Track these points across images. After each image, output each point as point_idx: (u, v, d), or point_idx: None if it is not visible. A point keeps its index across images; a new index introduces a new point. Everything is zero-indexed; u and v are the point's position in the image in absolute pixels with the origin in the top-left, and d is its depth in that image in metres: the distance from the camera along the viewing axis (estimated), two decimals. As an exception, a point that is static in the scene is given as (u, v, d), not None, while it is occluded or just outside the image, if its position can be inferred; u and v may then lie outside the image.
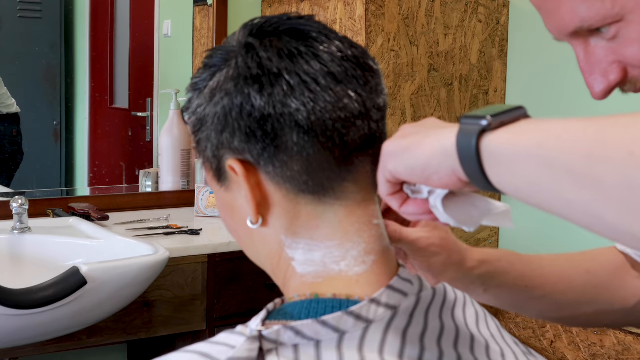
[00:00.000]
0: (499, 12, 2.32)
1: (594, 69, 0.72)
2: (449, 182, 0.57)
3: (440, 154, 0.56)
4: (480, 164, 0.54)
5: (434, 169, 0.57)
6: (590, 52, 0.71)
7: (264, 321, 0.64)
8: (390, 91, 2.12)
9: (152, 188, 2.31)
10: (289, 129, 0.63)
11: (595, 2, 0.67)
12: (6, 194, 2.15)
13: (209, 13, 2.32)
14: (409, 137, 0.59)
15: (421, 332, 0.66)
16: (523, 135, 0.52)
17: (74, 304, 1.48)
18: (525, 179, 0.52)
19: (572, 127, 0.50)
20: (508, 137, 0.53)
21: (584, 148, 0.48)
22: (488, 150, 0.53)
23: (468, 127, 0.54)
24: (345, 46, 0.67)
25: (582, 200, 0.48)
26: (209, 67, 0.68)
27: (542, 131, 0.51)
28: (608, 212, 0.47)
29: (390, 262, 0.68)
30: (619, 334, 1.80)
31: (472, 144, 0.54)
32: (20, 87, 2.27)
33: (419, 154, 0.57)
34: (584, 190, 0.48)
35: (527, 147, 0.51)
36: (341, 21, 2.12)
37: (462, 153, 0.54)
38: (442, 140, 0.56)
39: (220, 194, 0.71)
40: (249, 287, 1.92)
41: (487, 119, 0.54)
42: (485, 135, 0.54)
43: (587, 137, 0.48)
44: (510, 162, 0.52)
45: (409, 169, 0.58)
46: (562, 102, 2.22)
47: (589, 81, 0.72)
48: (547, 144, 0.50)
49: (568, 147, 0.49)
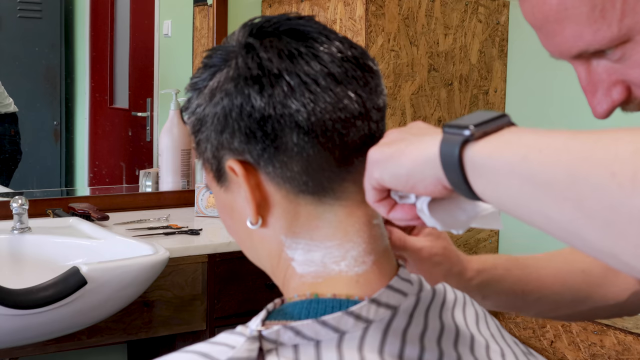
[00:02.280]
0: (499, 12, 2.32)
1: (596, 88, 0.70)
2: (434, 190, 0.57)
3: (423, 162, 0.56)
4: (463, 174, 0.53)
5: (419, 177, 0.56)
6: (592, 70, 0.69)
7: (263, 321, 0.64)
8: (390, 91, 2.12)
9: (152, 188, 2.31)
10: (289, 129, 0.63)
11: (602, 25, 0.65)
12: (6, 194, 2.15)
13: (209, 13, 2.32)
14: (393, 144, 0.59)
15: (421, 332, 0.66)
16: (506, 148, 0.51)
17: (74, 304, 1.48)
18: (508, 193, 0.51)
19: (554, 141, 0.49)
20: (491, 148, 0.52)
21: (566, 166, 0.47)
22: (471, 162, 0.53)
23: (451, 137, 0.54)
24: (345, 47, 0.67)
25: (563, 218, 0.48)
26: (209, 67, 0.68)
27: (525, 145, 0.51)
28: (589, 232, 0.47)
29: (390, 262, 0.68)
30: (619, 334, 1.80)
31: (455, 154, 0.53)
32: (20, 87, 2.27)
33: (403, 162, 0.57)
34: (565, 208, 0.47)
35: (510, 161, 0.51)
36: (341, 21, 2.12)
37: (446, 163, 0.54)
38: (425, 148, 0.56)
39: (220, 195, 0.71)
40: (249, 287, 1.92)
41: (469, 128, 0.53)
42: (468, 145, 0.53)
43: (570, 154, 0.47)
44: (493, 175, 0.52)
45: (394, 177, 0.58)
46: (562, 102, 2.22)
47: (592, 100, 0.70)
48: (529, 158, 0.49)
49: (549, 163, 0.48)
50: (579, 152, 0.47)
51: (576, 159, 0.47)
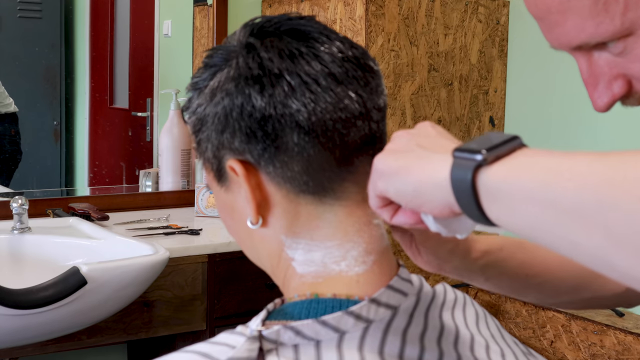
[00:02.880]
0: (499, 12, 2.32)
1: (597, 81, 0.69)
2: (442, 212, 0.56)
3: (432, 185, 0.55)
4: (476, 200, 0.52)
5: (426, 199, 0.55)
6: (593, 63, 0.69)
7: (264, 321, 0.64)
8: (390, 91, 2.12)
9: (152, 188, 2.31)
10: (290, 129, 0.63)
11: (604, 18, 0.64)
12: (6, 194, 2.15)
13: (209, 13, 2.32)
14: (401, 157, 0.58)
15: (421, 332, 0.66)
16: (523, 172, 0.50)
17: (74, 304, 1.48)
18: (527, 219, 0.50)
19: (576, 165, 0.47)
20: (506, 172, 0.51)
21: (593, 191, 0.46)
22: (485, 187, 0.51)
23: (462, 162, 0.52)
24: (346, 47, 0.67)
25: (590, 244, 0.47)
26: (210, 66, 0.68)
27: (543, 169, 0.49)
28: (619, 258, 0.45)
29: (390, 262, 0.68)
30: (619, 334, 1.80)
31: (467, 179, 0.52)
32: (20, 87, 2.27)
33: (410, 180, 0.56)
34: (593, 234, 0.46)
35: (529, 186, 0.49)
36: (341, 21, 2.12)
37: (457, 188, 0.53)
38: (434, 170, 0.55)
39: (220, 195, 0.71)
40: (249, 287, 1.92)
41: (482, 153, 0.52)
42: (481, 170, 0.52)
43: (595, 178, 0.46)
44: (510, 200, 0.50)
45: (399, 194, 0.57)
46: (562, 102, 2.22)
47: (592, 93, 0.70)
48: (551, 184, 0.48)
49: (574, 188, 0.47)
50: (604, 175, 0.46)
51: (602, 184, 0.45)
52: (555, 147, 2.24)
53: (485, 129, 2.34)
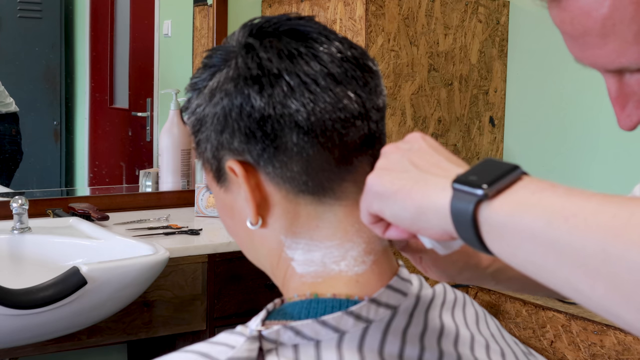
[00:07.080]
0: (499, 12, 2.32)
1: (627, 101, 0.67)
2: (440, 237, 0.55)
3: (431, 212, 0.54)
4: (477, 232, 0.51)
5: (424, 225, 0.55)
6: (624, 83, 0.67)
7: (263, 321, 0.64)
8: (390, 91, 2.12)
9: (152, 188, 2.31)
10: (289, 129, 0.63)
11: None
12: (6, 194, 2.15)
13: (209, 13, 2.32)
14: (396, 178, 0.57)
15: (421, 332, 0.66)
16: (527, 211, 0.49)
17: (74, 304, 1.48)
18: (529, 258, 0.49)
19: (582, 210, 0.46)
20: (508, 209, 0.50)
21: (598, 241, 0.45)
22: (487, 223, 0.51)
23: (463, 195, 0.52)
24: (345, 47, 0.67)
25: (595, 294, 0.46)
26: (209, 67, 0.68)
27: (547, 209, 0.48)
28: (625, 312, 0.45)
29: (390, 262, 0.68)
30: (619, 334, 1.80)
31: (468, 213, 0.51)
32: (20, 87, 2.27)
33: (407, 205, 0.55)
34: (597, 285, 0.45)
35: (532, 226, 0.48)
36: (341, 21, 2.12)
37: (458, 220, 0.52)
38: (432, 196, 0.54)
39: (219, 195, 0.71)
40: (249, 287, 1.92)
41: (483, 188, 0.51)
42: (482, 204, 0.51)
43: (600, 228, 0.45)
44: (512, 238, 0.49)
45: (396, 217, 0.57)
46: (562, 102, 2.22)
47: (620, 113, 0.68)
48: (554, 225, 0.47)
49: (579, 235, 0.46)
50: (611, 226, 0.45)
51: (609, 235, 0.44)
52: (555, 147, 2.24)
53: (485, 129, 2.34)
